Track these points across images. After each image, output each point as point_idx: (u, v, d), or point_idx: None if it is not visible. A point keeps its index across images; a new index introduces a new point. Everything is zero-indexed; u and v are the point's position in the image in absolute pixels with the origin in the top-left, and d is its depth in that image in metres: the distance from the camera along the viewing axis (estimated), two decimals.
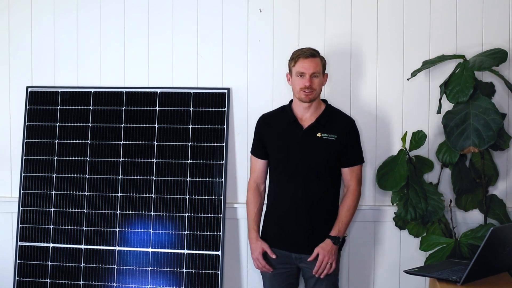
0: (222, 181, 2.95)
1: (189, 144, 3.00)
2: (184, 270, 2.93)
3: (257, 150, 2.71)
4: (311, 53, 2.54)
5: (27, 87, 3.16)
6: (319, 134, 2.57)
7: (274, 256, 2.60)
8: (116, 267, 3.00)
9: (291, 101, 2.68)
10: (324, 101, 2.69)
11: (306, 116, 2.61)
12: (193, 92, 3.03)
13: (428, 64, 2.76)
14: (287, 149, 2.60)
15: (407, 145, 2.77)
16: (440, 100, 2.71)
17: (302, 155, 2.57)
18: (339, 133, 2.57)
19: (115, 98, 3.08)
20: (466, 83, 2.57)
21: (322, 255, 2.52)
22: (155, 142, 3.03)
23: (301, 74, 2.53)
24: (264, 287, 2.72)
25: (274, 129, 2.66)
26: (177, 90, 3.05)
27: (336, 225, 2.57)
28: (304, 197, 2.57)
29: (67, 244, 3.05)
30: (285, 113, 2.65)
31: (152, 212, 2.99)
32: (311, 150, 2.56)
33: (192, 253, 2.94)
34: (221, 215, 2.93)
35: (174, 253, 2.95)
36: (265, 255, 2.64)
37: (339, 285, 2.76)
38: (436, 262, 2.65)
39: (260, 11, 3.00)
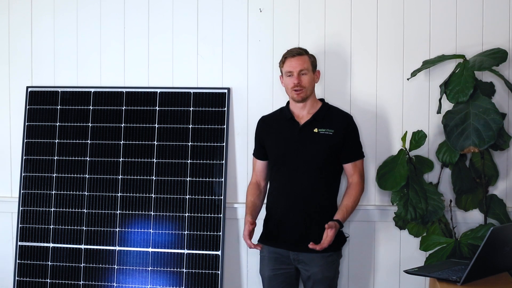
0: (222, 181, 2.95)
1: (189, 144, 3.00)
2: (184, 270, 2.93)
3: (257, 151, 2.77)
4: (297, 52, 2.59)
5: (27, 87, 3.16)
6: (315, 130, 2.58)
7: (258, 247, 2.57)
8: (116, 267, 3.00)
9: (288, 102, 2.71)
10: (321, 100, 2.71)
11: (302, 113, 2.64)
12: (193, 92, 3.03)
13: (428, 64, 2.75)
14: (284, 146, 2.62)
15: (407, 145, 2.77)
16: (440, 100, 2.71)
17: (299, 151, 2.58)
18: (336, 128, 2.58)
19: (115, 98, 3.08)
20: (466, 83, 2.57)
21: (331, 235, 2.44)
22: (155, 142, 3.03)
23: (290, 73, 2.59)
24: (263, 287, 2.73)
25: (272, 129, 2.70)
26: (177, 90, 3.05)
27: (341, 210, 2.55)
28: (301, 194, 2.57)
29: (67, 244, 3.05)
30: (282, 113, 2.70)
31: (152, 212, 2.99)
32: (308, 146, 2.57)
33: (192, 253, 2.94)
34: (221, 215, 2.93)
35: (174, 253, 2.95)
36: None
37: (339, 286, 2.76)
38: (436, 262, 2.65)
39: (260, 11, 3.01)
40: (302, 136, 2.59)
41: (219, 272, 2.91)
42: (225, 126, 2.99)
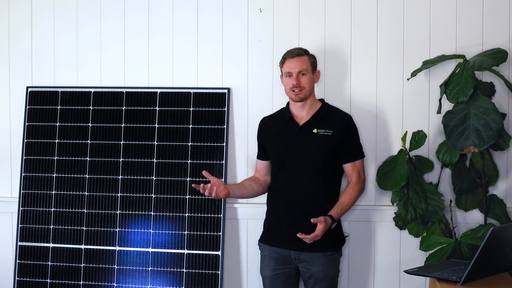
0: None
1: (189, 144, 3.00)
2: (184, 270, 2.93)
3: (259, 152, 2.80)
4: (297, 53, 2.60)
5: (27, 87, 3.16)
6: (315, 130, 2.59)
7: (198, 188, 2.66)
8: (116, 267, 3.00)
9: (288, 102, 2.73)
10: (321, 100, 2.72)
11: (302, 114, 2.65)
12: (193, 92, 3.03)
13: (428, 64, 2.75)
14: (284, 147, 2.64)
15: (407, 145, 2.77)
16: (440, 100, 2.71)
17: (299, 151, 2.60)
18: (335, 128, 2.60)
19: (115, 98, 3.08)
20: (466, 83, 2.57)
21: (320, 229, 2.47)
22: (155, 142, 3.03)
23: (289, 74, 2.60)
24: (263, 287, 2.73)
25: (272, 129, 2.72)
26: (177, 90, 3.05)
27: (335, 207, 2.57)
28: (300, 193, 2.58)
29: (67, 244, 3.05)
30: (282, 113, 2.72)
31: (152, 212, 2.99)
32: (307, 146, 2.59)
33: (192, 253, 2.94)
34: (221, 215, 2.93)
35: (174, 253, 2.95)
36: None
37: (339, 286, 2.76)
38: (436, 262, 2.65)
39: (260, 11, 3.00)
40: (301, 137, 2.60)
41: (219, 272, 2.91)
42: (225, 126, 2.99)
